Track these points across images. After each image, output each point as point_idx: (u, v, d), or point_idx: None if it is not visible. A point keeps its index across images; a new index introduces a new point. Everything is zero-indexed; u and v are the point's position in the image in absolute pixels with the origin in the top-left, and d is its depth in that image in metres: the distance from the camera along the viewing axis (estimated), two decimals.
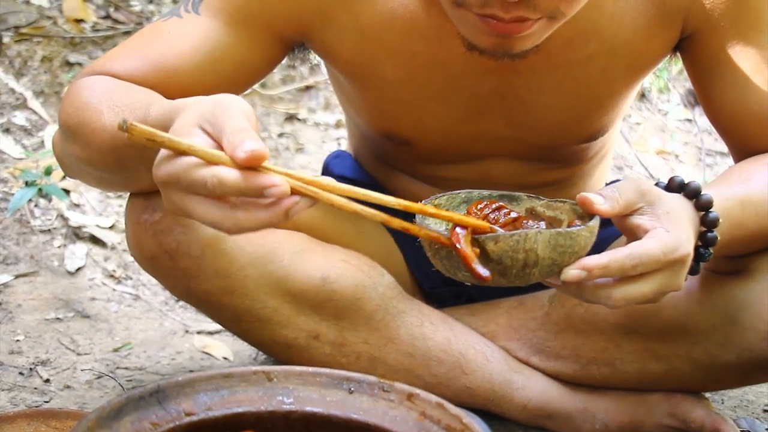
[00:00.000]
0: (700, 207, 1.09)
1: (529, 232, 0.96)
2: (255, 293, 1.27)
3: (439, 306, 1.42)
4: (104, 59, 1.24)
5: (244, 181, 0.87)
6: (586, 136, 1.37)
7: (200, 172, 0.88)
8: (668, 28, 1.25)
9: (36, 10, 2.37)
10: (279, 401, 0.91)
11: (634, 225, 1.04)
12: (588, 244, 1.00)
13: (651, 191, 1.05)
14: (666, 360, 1.32)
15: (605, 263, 0.99)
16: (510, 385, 1.37)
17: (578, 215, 1.05)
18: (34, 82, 2.26)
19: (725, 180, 1.22)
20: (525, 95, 1.28)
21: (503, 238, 0.96)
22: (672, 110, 3.10)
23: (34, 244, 1.90)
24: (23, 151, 2.10)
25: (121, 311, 1.79)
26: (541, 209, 1.07)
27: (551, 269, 0.99)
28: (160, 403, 0.86)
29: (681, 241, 1.02)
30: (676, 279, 1.04)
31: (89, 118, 1.14)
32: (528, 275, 0.98)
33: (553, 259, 0.98)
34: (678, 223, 1.04)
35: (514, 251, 0.96)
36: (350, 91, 1.37)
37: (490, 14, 1.04)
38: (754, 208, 1.18)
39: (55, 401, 1.43)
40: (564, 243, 0.97)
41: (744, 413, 1.51)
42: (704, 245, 1.10)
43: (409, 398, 0.90)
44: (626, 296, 1.02)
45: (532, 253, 0.96)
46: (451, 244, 0.97)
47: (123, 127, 0.88)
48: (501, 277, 0.98)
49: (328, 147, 2.50)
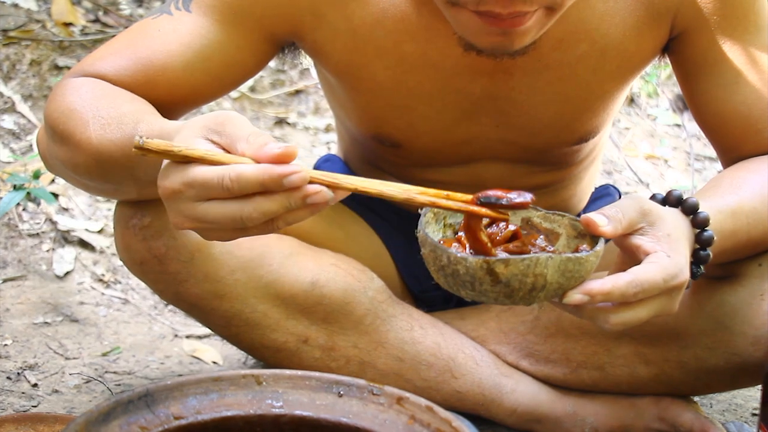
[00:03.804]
0: (696, 224, 1.09)
1: (540, 257, 0.94)
2: (244, 297, 1.27)
3: (429, 310, 1.42)
4: (93, 57, 1.23)
5: (263, 171, 0.87)
6: (577, 138, 1.37)
7: (215, 171, 0.88)
8: (657, 28, 1.25)
9: (24, 14, 2.37)
10: (268, 405, 0.90)
11: (635, 246, 1.03)
12: (593, 268, 0.99)
13: (652, 211, 1.04)
14: (656, 364, 1.32)
15: (608, 290, 0.98)
16: (499, 389, 1.37)
17: (577, 231, 1.04)
18: (23, 86, 2.25)
19: (717, 189, 1.21)
20: (516, 96, 1.28)
21: (514, 262, 0.94)
22: (661, 115, 3.11)
23: (22, 248, 1.89)
24: (11, 154, 2.10)
25: (110, 315, 1.78)
26: (537, 220, 1.06)
27: (557, 292, 0.98)
28: (148, 407, 0.86)
29: (680, 267, 1.02)
30: (671, 303, 1.04)
31: (74, 127, 1.13)
32: (533, 298, 0.97)
33: (560, 283, 0.97)
34: (678, 247, 1.03)
35: (524, 275, 0.95)
36: (340, 93, 1.36)
37: (487, 11, 1.04)
38: (746, 218, 1.18)
39: (43, 405, 1.43)
40: (573, 268, 0.96)
41: (733, 417, 1.52)
42: (696, 263, 1.10)
43: (399, 402, 0.90)
44: (623, 321, 1.01)
45: (541, 277, 0.95)
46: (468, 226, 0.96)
47: (139, 145, 0.89)
48: (506, 298, 0.97)
49: (318, 151, 2.50)
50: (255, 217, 0.89)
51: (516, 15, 1.05)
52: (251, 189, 0.88)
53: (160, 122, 1.05)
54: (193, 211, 0.91)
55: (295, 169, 0.88)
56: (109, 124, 1.10)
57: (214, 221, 0.90)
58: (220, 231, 0.93)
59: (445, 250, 0.96)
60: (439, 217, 1.06)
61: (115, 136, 1.09)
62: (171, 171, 0.91)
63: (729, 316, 1.25)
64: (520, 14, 1.05)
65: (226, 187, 0.88)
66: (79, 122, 1.13)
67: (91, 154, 1.12)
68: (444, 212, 1.04)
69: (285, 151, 0.88)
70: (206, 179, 0.89)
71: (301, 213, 0.91)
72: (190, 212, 0.91)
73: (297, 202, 0.89)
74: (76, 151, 1.14)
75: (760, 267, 1.25)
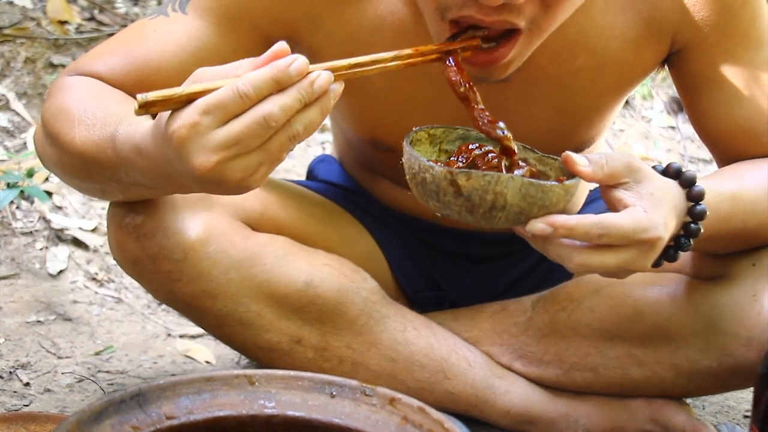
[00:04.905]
0: (690, 197, 1.10)
1: (501, 176, 0.97)
2: (237, 297, 1.27)
3: (423, 311, 1.42)
4: (89, 57, 1.24)
5: (271, 66, 0.91)
6: (573, 148, 1.36)
7: (225, 88, 0.91)
8: (657, 43, 1.25)
9: (19, 11, 2.36)
10: (261, 405, 0.90)
11: (616, 198, 1.05)
12: (560, 201, 1.01)
13: (641, 170, 1.05)
14: (648, 366, 1.32)
15: (572, 225, 1.00)
16: (492, 391, 1.37)
17: (566, 175, 1.06)
18: (17, 84, 2.25)
19: (719, 174, 1.23)
20: (513, 106, 1.28)
21: (475, 176, 0.97)
22: (655, 117, 3.12)
23: (15, 246, 1.89)
24: (5, 152, 2.09)
25: (103, 314, 1.78)
26: (532, 162, 1.08)
27: (518, 218, 1.00)
28: (141, 407, 0.85)
29: (655, 223, 1.03)
30: (642, 260, 1.04)
31: (61, 128, 1.14)
32: (494, 218, 0.99)
33: (521, 207, 0.99)
34: (659, 207, 1.04)
35: (484, 191, 0.97)
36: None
37: (468, 16, 1.04)
38: (743, 206, 1.19)
39: (35, 405, 1.43)
40: (534, 194, 0.98)
41: (725, 419, 1.52)
42: (686, 235, 1.11)
43: (391, 402, 0.90)
44: (586, 262, 1.03)
45: (500, 196, 0.98)
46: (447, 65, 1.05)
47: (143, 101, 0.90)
48: (468, 213, 1.00)
49: (313, 151, 2.50)
50: (277, 113, 0.91)
51: (497, 24, 1.04)
52: (265, 88, 0.90)
53: (143, 121, 1.04)
54: (217, 139, 0.91)
55: (295, 57, 0.92)
56: (94, 125, 1.10)
57: (240, 138, 0.91)
58: (245, 157, 0.93)
59: (417, 157, 1.01)
60: (435, 140, 1.10)
61: (97, 137, 1.09)
62: (179, 113, 0.92)
63: (721, 318, 1.26)
64: (502, 24, 1.04)
65: (242, 93, 0.90)
66: (66, 123, 1.14)
67: (75, 155, 1.13)
68: (441, 137, 1.09)
69: (277, 49, 0.92)
70: (220, 98, 0.90)
71: (313, 112, 0.94)
72: (215, 141, 0.91)
73: (307, 90, 0.92)
74: (62, 151, 1.15)
75: (754, 267, 1.25)
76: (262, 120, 0.91)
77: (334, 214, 1.44)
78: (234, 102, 0.91)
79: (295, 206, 1.36)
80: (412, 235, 1.47)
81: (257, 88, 0.91)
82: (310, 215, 1.38)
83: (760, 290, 1.24)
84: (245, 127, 0.91)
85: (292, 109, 0.92)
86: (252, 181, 0.95)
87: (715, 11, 1.21)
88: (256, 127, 0.91)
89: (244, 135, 0.91)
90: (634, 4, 1.23)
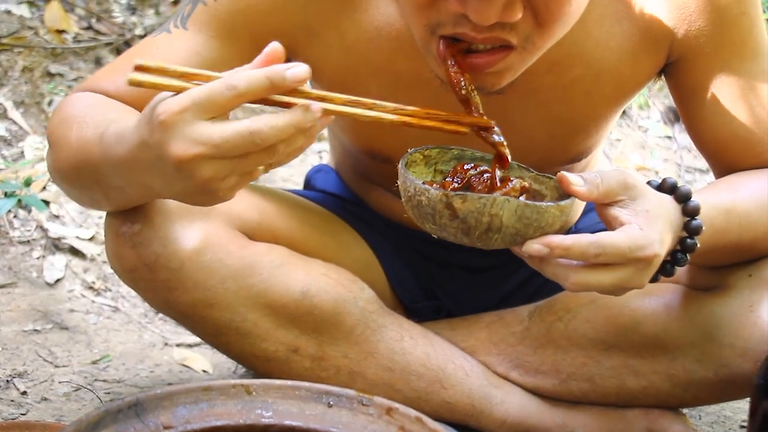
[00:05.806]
0: (686, 213, 1.10)
1: (497, 198, 0.98)
2: (235, 306, 1.27)
3: (419, 320, 1.42)
4: (97, 75, 1.27)
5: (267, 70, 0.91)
6: (570, 158, 1.37)
7: (219, 80, 0.92)
8: (654, 54, 1.25)
9: (17, 20, 2.37)
10: (258, 415, 0.90)
11: (612, 216, 1.05)
12: (556, 221, 1.01)
13: (636, 187, 1.06)
14: (644, 376, 1.32)
15: (568, 245, 1.00)
16: (489, 400, 1.37)
17: (560, 194, 1.06)
18: (15, 93, 2.25)
19: (714, 187, 1.23)
20: (509, 117, 1.28)
21: (471, 198, 0.98)
22: (652, 127, 3.12)
23: (12, 255, 1.89)
24: (3, 161, 2.09)
25: (100, 323, 1.78)
26: (528, 181, 1.09)
27: (514, 239, 1.00)
28: (138, 416, 0.85)
29: (651, 241, 1.03)
30: (638, 277, 1.05)
31: (62, 132, 1.17)
32: (490, 239, 1.00)
33: (517, 229, 0.99)
34: (654, 224, 1.04)
35: (480, 213, 0.98)
36: None
37: (461, 33, 1.04)
38: (739, 219, 1.19)
39: (32, 413, 1.42)
40: (530, 216, 0.99)
41: (721, 429, 1.52)
42: (683, 251, 1.11)
43: (389, 412, 0.90)
44: (583, 282, 1.03)
45: (496, 218, 0.98)
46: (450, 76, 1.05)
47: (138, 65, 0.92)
48: (464, 235, 1.00)
49: (311, 160, 2.50)
50: (265, 132, 0.91)
51: (490, 41, 1.05)
52: (258, 84, 0.91)
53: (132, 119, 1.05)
54: (201, 132, 0.92)
55: (293, 64, 0.92)
56: (88, 126, 1.12)
57: (222, 142, 0.91)
58: (220, 161, 0.93)
59: (412, 180, 1.01)
60: (430, 161, 1.10)
61: (88, 136, 1.11)
62: (170, 97, 0.93)
63: (718, 328, 1.26)
64: (495, 41, 1.05)
65: (232, 86, 0.90)
66: (66, 128, 1.16)
67: (70, 155, 1.14)
68: (436, 158, 1.10)
69: (270, 50, 0.94)
70: (210, 90, 0.91)
71: (299, 139, 0.94)
72: (197, 134, 0.92)
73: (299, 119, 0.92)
74: (59, 153, 1.17)
75: (750, 278, 1.25)
76: (249, 134, 0.91)
77: (332, 223, 1.45)
78: (222, 95, 0.91)
79: (293, 216, 1.37)
80: (409, 245, 1.48)
81: (250, 85, 0.91)
82: (308, 225, 1.38)
83: (756, 301, 1.24)
84: (232, 134, 0.92)
85: (282, 133, 0.92)
86: (218, 187, 0.95)
87: (711, 22, 1.22)
88: (241, 139, 0.92)
89: (228, 141, 0.92)
90: (631, 15, 1.23)
